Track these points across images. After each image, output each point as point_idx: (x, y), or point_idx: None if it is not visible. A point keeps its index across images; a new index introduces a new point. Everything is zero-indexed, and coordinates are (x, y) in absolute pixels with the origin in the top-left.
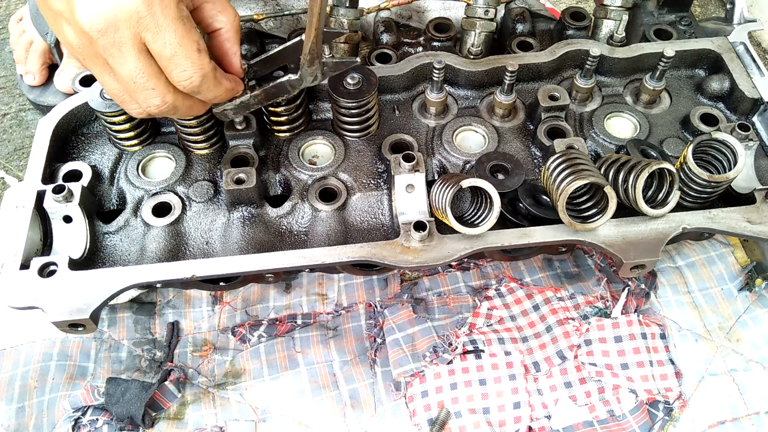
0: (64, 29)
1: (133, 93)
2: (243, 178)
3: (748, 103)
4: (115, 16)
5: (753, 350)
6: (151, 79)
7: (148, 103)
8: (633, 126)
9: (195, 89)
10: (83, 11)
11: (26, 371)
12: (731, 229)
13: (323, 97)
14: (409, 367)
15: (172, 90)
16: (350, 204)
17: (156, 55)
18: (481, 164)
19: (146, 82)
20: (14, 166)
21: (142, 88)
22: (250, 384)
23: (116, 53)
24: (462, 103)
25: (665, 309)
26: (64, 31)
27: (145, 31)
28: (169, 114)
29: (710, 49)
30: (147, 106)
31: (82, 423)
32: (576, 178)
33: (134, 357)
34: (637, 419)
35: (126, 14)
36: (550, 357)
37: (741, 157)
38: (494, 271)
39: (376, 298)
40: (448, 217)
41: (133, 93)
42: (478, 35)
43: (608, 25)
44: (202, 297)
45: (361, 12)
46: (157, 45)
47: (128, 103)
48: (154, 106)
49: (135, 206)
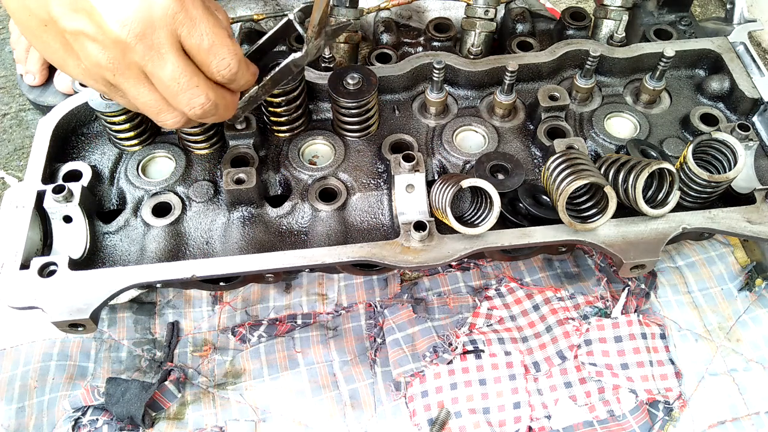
0: (87, 50)
1: (175, 97)
2: (243, 178)
3: (748, 103)
4: (150, 17)
5: (753, 350)
6: (194, 76)
7: (193, 103)
8: (633, 126)
9: (233, 77)
10: (114, 19)
11: (26, 371)
12: (731, 229)
13: (323, 97)
14: (409, 367)
15: (212, 85)
16: (350, 204)
17: (194, 49)
18: (481, 164)
19: (189, 80)
20: (14, 166)
21: (186, 88)
22: (250, 384)
23: (156, 56)
24: (462, 103)
25: (665, 309)
26: (88, 52)
27: (181, 27)
28: (209, 114)
29: (710, 49)
30: (191, 108)
31: (82, 423)
32: (576, 178)
33: (134, 357)
34: (637, 419)
35: (161, 13)
36: (550, 357)
37: (741, 157)
38: (494, 271)
39: (376, 298)
40: (448, 217)
41: (176, 96)
42: (478, 35)
43: (608, 25)
44: (202, 297)
45: (361, 12)
46: (194, 39)
47: (166, 112)
48: (199, 106)
49: (135, 206)
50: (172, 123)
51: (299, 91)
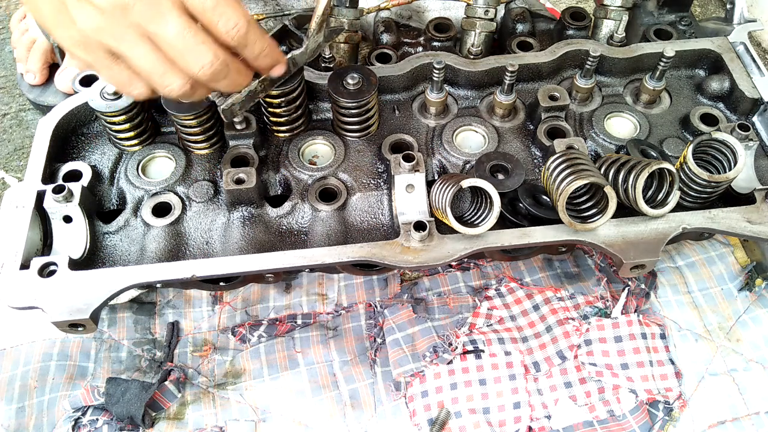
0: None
1: (181, 56)
2: (243, 178)
3: (748, 103)
4: None
5: (753, 350)
6: (199, 33)
7: (200, 62)
8: (633, 126)
9: (243, 39)
10: None
11: (26, 371)
12: (731, 229)
13: (323, 97)
14: (409, 367)
15: (221, 45)
16: (350, 204)
17: (198, 9)
18: (481, 164)
19: (194, 37)
20: (14, 166)
21: (191, 46)
22: (250, 384)
23: (157, 14)
24: (462, 103)
25: (665, 309)
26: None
27: None
28: (220, 75)
29: (710, 49)
30: (199, 67)
31: (82, 423)
32: (576, 178)
33: (134, 357)
34: (637, 419)
35: None
36: (550, 357)
37: (741, 157)
38: (494, 271)
39: (376, 298)
40: (448, 217)
41: (182, 56)
42: (478, 35)
43: (608, 25)
44: (202, 297)
45: (361, 12)
46: None
47: (170, 74)
48: (208, 65)
49: (135, 206)
50: (179, 87)
51: (299, 91)
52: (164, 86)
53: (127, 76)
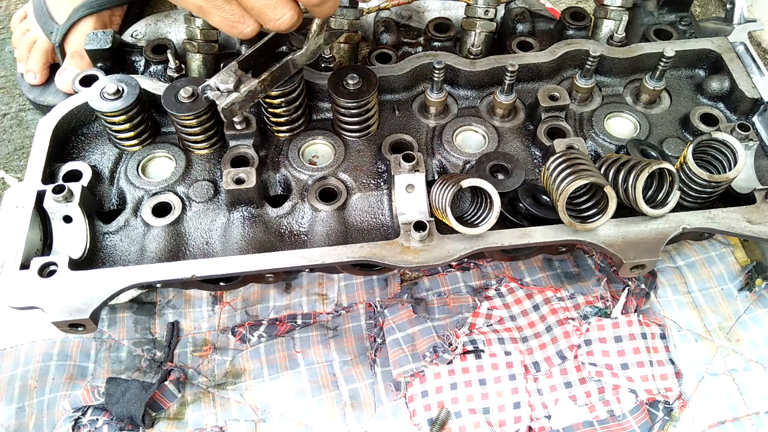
0: None
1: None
2: (243, 178)
3: (748, 103)
4: None
5: (753, 350)
6: None
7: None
8: (633, 126)
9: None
10: None
11: (26, 371)
12: (731, 229)
13: (323, 97)
14: (409, 367)
15: None
16: (350, 204)
17: None
18: (481, 164)
19: None
20: (14, 166)
21: None
22: (250, 384)
23: None
24: (462, 103)
25: (665, 309)
26: None
27: None
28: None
29: (710, 49)
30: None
31: (82, 423)
32: (576, 178)
33: (134, 357)
34: (637, 419)
35: None
36: (550, 357)
37: (741, 157)
38: (494, 271)
39: (376, 298)
40: (448, 217)
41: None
42: (478, 35)
43: (608, 25)
44: (202, 297)
45: (361, 12)
46: None
47: (281, 6)
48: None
49: (135, 206)
50: (289, 18)
51: (299, 92)
52: (276, 19)
53: (239, 14)
